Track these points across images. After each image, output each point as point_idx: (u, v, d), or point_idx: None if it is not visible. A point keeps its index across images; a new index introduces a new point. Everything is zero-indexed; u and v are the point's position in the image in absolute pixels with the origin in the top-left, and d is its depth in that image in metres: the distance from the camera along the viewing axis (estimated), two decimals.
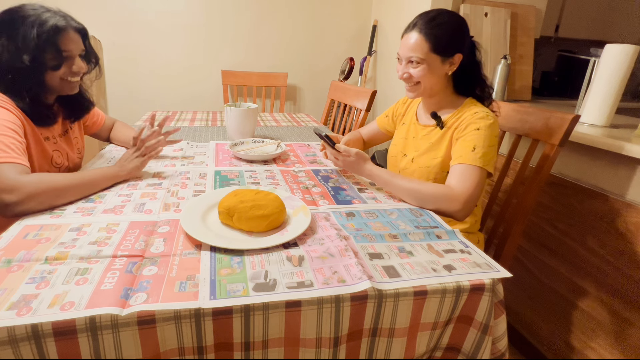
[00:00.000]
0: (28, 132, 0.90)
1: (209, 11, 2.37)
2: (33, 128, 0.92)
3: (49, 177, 0.81)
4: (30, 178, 0.78)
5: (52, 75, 0.92)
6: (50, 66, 0.90)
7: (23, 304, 0.51)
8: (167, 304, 0.53)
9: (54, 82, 0.93)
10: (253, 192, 0.79)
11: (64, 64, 0.92)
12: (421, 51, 0.95)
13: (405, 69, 1.00)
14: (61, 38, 0.90)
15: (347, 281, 0.60)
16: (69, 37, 0.91)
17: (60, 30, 0.89)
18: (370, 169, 0.99)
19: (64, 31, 0.90)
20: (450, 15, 0.97)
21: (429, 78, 0.98)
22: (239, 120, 1.38)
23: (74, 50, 0.93)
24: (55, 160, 0.99)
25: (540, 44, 2.29)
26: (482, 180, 0.92)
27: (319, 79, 2.66)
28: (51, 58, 0.90)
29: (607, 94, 1.29)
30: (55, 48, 0.89)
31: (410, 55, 0.97)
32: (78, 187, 0.84)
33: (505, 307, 0.68)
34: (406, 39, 0.98)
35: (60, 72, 0.92)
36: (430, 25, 0.94)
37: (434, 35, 0.94)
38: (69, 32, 0.91)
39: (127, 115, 2.32)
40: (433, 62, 0.96)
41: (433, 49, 0.95)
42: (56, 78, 0.93)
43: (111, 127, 1.32)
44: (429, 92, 1.02)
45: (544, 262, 1.37)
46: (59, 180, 0.81)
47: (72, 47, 0.92)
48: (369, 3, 2.57)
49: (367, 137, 1.33)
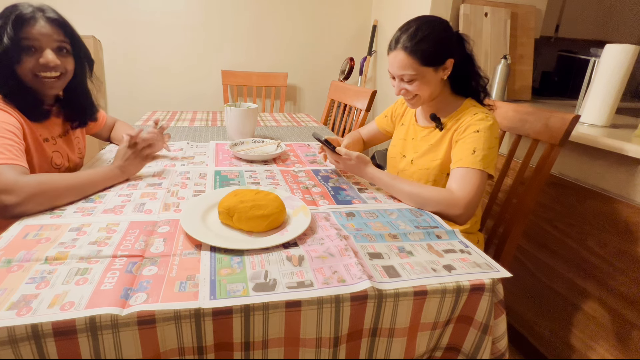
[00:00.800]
0: (27, 133, 0.90)
1: (209, 11, 2.37)
2: (32, 130, 0.92)
3: (48, 178, 0.80)
4: (29, 179, 0.77)
5: (22, 70, 0.88)
6: (15, 59, 0.86)
7: (23, 304, 0.51)
8: (167, 304, 0.53)
9: (27, 78, 0.89)
10: (253, 192, 0.79)
11: (27, 57, 0.87)
12: (411, 68, 0.94)
13: (401, 86, 0.99)
14: (23, 28, 0.85)
15: (347, 281, 0.60)
16: (33, 27, 0.86)
17: (22, 20, 0.84)
18: (372, 172, 0.99)
19: (28, 21, 0.85)
20: (430, 24, 0.95)
21: (426, 89, 0.98)
22: (239, 120, 1.38)
23: (42, 42, 0.87)
24: (55, 161, 0.99)
25: (540, 44, 2.29)
26: (483, 183, 0.92)
27: (319, 79, 2.66)
28: (13, 50, 0.85)
29: (607, 94, 1.29)
30: (13, 39, 0.84)
31: (401, 73, 0.96)
32: (77, 188, 0.84)
33: (505, 307, 0.68)
34: (393, 57, 0.97)
35: (27, 65, 0.87)
36: (415, 41, 0.93)
37: (420, 50, 0.93)
38: (35, 21, 0.86)
39: (127, 115, 2.31)
40: (426, 74, 0.95)
41: (423, 63, 0.94)
42: (27, 73, 0.88)
43: (112, 126, 1.31)
44: (429, 99, 1.02)
45: (544, 262, 1.37)
46: (58, 181, 0.81)
47: (37, 38, 0.86)
48: (369, 3, 2.57)
49: (367, 137, 1.33)
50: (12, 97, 0.88)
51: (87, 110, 1.09)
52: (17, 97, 0.89)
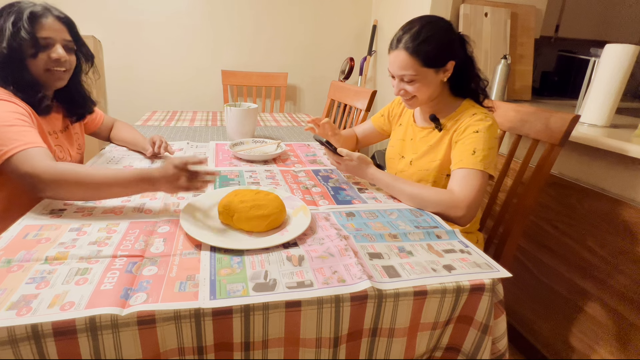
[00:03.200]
0: (35, 125, 0.90)
1: (209, 11, 2.37)
2: (39, 122, 0.93)
3: (78, 169, 0.77)
4: (59, 166, 0.77)
5: (35, 65, 0.90)
6: (29, 54, 0.88)
7: (23, 304, 0.51)
8: (167, 304, 0.53)
9: (38, 73, 0.92)
10: (253, 192, 0.79)
11: (42, 52, 0.90)
12: (412, 69, 0.94)
13: (400, 86, 0.99)
14: (37, 24, 0.88)
15: (347, 281, 0.60)
16: (46, 23, 0.89)
17: (36, 16, 0.88)
18: (373, 173, 0.99)
19: (41, 17, 0.89)
20: (434, 25, 0.94)
21: (425, 90, 0.97)
22: (239, 120, 1.38)
23: (54, 38, 0.91)
24: (58, 155, 1.00)
25: (540, 44, 2.29)
26: (484, 184, 0.92)
27: (319, 79, 2.66)
28: (28, 46, 0.88)
29: (607, 94, 1.29)
30: (30, 34, 0.87)
31: (402, 73, 0.96)
32: (110, 186, 0.77)
33: (505, 307, 0.68)
34: (394, 56, 0.96)
35: (41, 60, 0.90)
36: (417, 42, 0.92)
37: (423, 51, 0.92)
38: (48, 18, 0.90)
39: (127, 116, 2.31)
40: (427, 75, 0.95)
41: (424, 64, 0.93)
42: (40, 68, 0.91)
43: (111, 126, 1.32)
44: (427, 100, 1.01)
45: (544, 262, 1.37)
46: (88, 175, 0.77)
47: (50, 34, 0.90)
48: (369, 3, 2.57)
49: (361, 135, 1.33)
50: (22, 90, 0.89)
51: (84, 103, 1.11)
52: (27, 90, 0.90)
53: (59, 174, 0.75)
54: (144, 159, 1.17)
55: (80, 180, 0.76)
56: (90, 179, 0.76)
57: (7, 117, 0.81)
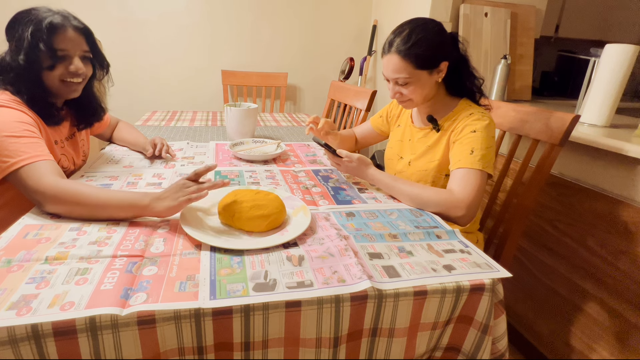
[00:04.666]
0: (42, 135, 0.89)
1: (209, 11, 2.37)
2: (46, 131, 0.92)
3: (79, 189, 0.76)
4: (61, 184, 0.76)
5: (50, 76, 0.89)
6: (46, 66, 0.87)
7: (23, 304, 0.51)
8: (167, 304, 0.53)
9: (53, 84, 0.90)
10: (253, 192, 0.79)
11: (60, 64, 0.88)
12: (406, 71, 0.94)
13: (396, 89, 0.99)
14: (56, 36, 0.86)
15: (347, 281, 0.60)
16: (65, 35, 0.87)
17: (55, 28, 0.86)
18: (373, 174, 0.99)
19: (60, 29, 0.86)
20: (424, 26, 0.94)
21: (420, 92, 0.98)
22: (239, 120, 1.38)
23: (72, 50, 0.89)
24: (62, 164, 0.98)
25: (540, 44, 2.29)
26: (483, 183, 0.92)
27: (319, 79, 2.66)
28: (46, 57, 0.86)
29: (607, 94, 1.29)
30: (49, 47, 0.85)
31: (396, 77, 0.96)
32: (105, 207, 0.76)
33: (505, 307, 0.68)
34: (387, 60, 0.97)
35: (57, 72, 0.89)
36: (408, 45, 0.92)
37: (414, 54, 0.92)
38: (66, 30, 0.88)
39: (127, 116, 2.29)
40: (420, 77, 0.96)
41: (417, 67, 0.94)
42: (55, 79, 0.89)
43: (114, 126, 1.32)
44: (423, 102, 1.02)
45: (544, 262, 1.37)
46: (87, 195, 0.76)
47: (68, 46, 0.88)
48: (369, 3, 2.57)
49: (360, 136, 1.33)
50: (34, 101, 0.88)
51: (94, 112, 1.09)
52: (39, 101, 0.89)
53: (61, 192, 0.75)
54: (144, 158, 1.17)
55: (80, 201, 0.75)
56: (89, 200, 0.76)
57: (16, 128, 0.80)
